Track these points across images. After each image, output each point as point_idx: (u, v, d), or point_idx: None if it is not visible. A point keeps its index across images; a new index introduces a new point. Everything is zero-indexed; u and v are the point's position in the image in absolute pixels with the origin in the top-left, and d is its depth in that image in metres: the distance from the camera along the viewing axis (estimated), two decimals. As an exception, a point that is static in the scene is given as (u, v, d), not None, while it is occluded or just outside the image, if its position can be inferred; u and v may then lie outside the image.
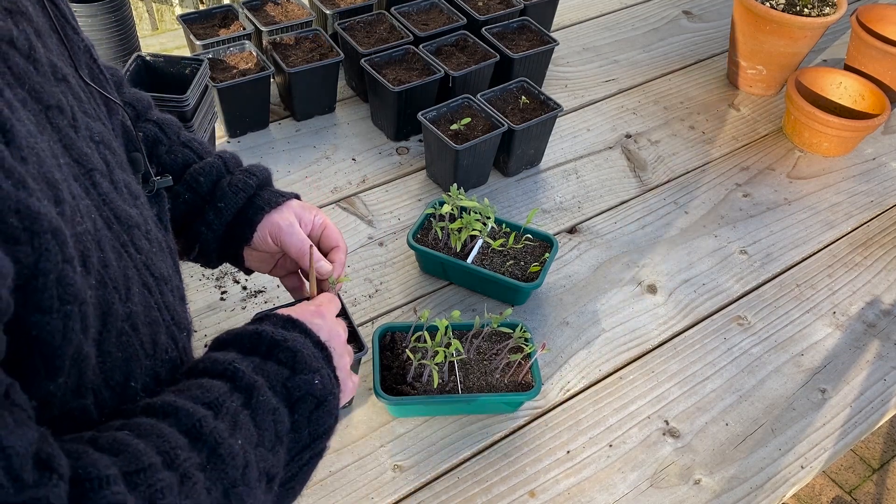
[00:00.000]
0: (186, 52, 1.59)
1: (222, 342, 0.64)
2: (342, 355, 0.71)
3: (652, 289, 1.32)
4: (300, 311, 0.71)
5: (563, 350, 1.21)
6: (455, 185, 1.27)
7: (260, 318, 0.69)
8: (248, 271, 0.90)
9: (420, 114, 1.40)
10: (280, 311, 0.69)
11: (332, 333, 0.71)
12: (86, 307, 0.45)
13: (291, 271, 0.91)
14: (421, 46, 1.56)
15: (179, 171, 0.83)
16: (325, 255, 0.88)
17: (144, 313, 0.53)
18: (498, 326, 1.12)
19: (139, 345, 0.53)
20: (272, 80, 1.57)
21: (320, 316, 0.72)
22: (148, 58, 1.33)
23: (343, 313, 1.04)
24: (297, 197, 0.89)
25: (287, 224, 0.84)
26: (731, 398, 1.17)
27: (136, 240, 0.55)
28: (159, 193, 0.70)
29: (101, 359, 0.49)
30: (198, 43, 1.48)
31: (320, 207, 1.40)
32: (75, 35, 0.60)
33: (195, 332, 0.83)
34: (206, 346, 0.66)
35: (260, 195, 0.85)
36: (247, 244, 0.85)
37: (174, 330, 0.59)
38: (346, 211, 1.40)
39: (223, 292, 1.24)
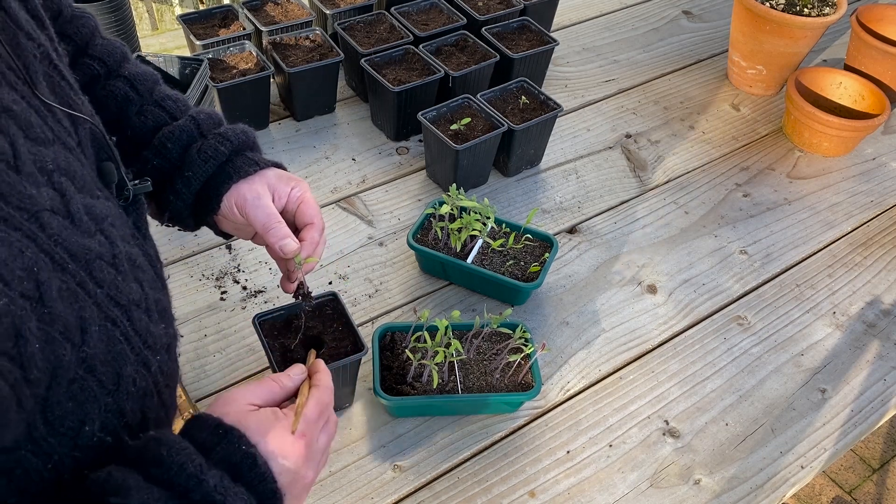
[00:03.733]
0: (186, 52, 1.59)
1: (146, 460, 0.53)
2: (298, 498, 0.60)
3: (652, 289, 1.32)
4: (276, 440, 0.59)
5: (563, 350, 1.21)
6: (455, 185, 1.27)
7: (223, 432, 0.56)
8: (227, 236, 0.86)
9: (420, 114, 1.40)
10: (250, 436, 0.57)
11: (298, 476, 0.59)
12: (13, 393, 0.41)
13: None
14: (421, 46, 1.56)
15: (150, 133, 0.78)
16: (299, 231, 0.82)
17: (105, 351, 0.50)
18: (498, 326, 1.12)
19: (97, 385, 0.49)
20: (272, 80, 1.57)
21: (308, 449, 0.61)
22: (148, 58, 1.34)
23: (343, 314, 1.05)
24: (279, 166, 0.83)
25: (253, 196, 0.78)
26: (731, 398, 1.17)
27: (96, 273, 0.51)
28: (136, 199, 0.65)
29: (46, 413, 0.45)
30: (198, 43, 1.48)
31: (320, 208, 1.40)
32: (29, 41, 0.55)
33: (182, 336, 0.80)
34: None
35: (232, 162, 0.79)
36: (214, 214, 0.80)
37: (146, 354, 0.55)
38: (346, 211, 1.40)
39: (223, 292, 1.24)
